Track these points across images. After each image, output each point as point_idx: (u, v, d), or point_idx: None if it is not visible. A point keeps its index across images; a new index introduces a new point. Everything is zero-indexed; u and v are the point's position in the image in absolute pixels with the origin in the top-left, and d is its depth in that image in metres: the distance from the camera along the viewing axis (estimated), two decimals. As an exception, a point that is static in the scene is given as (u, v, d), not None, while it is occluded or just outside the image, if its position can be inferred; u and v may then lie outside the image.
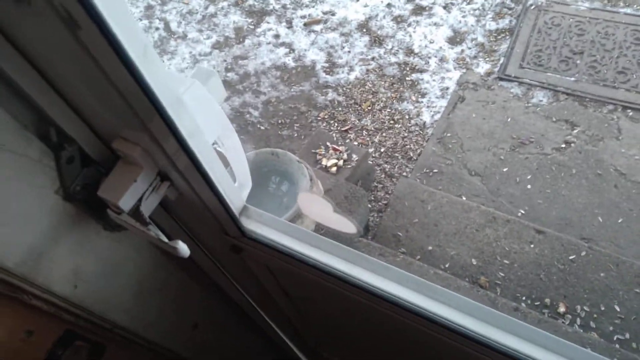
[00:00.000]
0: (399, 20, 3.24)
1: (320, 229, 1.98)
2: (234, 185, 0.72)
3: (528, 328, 0.65)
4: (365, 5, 3.32)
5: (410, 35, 3.14)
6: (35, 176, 0.57)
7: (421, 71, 3.00)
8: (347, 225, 1.09)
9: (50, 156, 0.57)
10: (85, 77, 0.48)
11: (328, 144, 2.56)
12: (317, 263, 0.74)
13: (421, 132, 2.77)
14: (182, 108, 0.52)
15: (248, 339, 1.45)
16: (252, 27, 3.37)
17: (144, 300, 0.87)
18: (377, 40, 3.16)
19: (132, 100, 0.48)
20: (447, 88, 2.88)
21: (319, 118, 2.90)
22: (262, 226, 0.77)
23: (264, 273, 0.94)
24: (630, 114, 2.56)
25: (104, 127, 0.58)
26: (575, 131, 2.52)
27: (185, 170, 0.60)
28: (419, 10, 3.26)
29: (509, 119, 2.63)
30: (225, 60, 3.23)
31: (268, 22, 3.36)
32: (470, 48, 3.02)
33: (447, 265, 2.02)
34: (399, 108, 2.87)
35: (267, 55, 3.20)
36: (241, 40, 3.31)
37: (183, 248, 0.65)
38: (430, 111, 2.83)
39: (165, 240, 0.64)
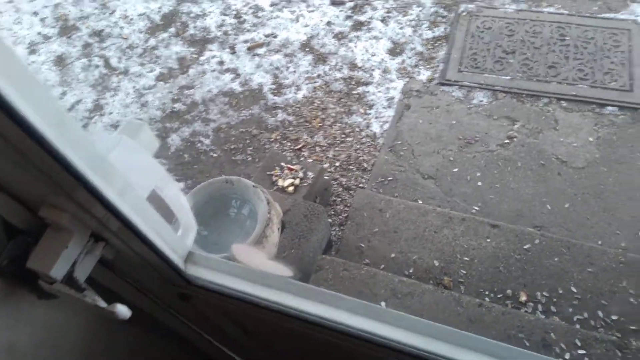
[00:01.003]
0: (339, 37, 3.32)
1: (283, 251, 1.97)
2: (175, 235, 0.71)
3: (470, 337, 0.68)
4: (306, 25, 3.39)
5: (352, 50, 3.23)
6: None
7: (366, 84, 3.07)
8: (282, 270, 1.13)
9: None
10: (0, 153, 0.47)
11: (282, 164, 2.57)
12: (266, 302, 0.73)
13: (373, 142, 2.83)
14: (109, 170, 0.52)
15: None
16: (195, 56, 3.36)
17: None
18: (320, 58, 3.23)
19: (52, 173, 0.48)
20: (393, 98, 2.97)
21: (271, 139, 2.91)
22: (209, 271, 0.76)
23: (219, 316, 0.93)
24: (564, 104, 2.71)
25: (27, 196, 0.57)
26: (516, 126, 2.65)
27: (119, 230, 0.59)
28: (358, 25, 3.36)
29: (453, 121, 2.73)
30: (170, 92, 3.21)
31: (211, 50, 3.37)
32: (410, 57, 3.13)
33: (411, 271, 2.06)
34: (349, 122, 2.93)
35: (213, 82, 3.20)
36: (185, 70, 3.30)
37: (122, 311, 0.63)
38: (379, 121, 2.90)
39: (103, 305, 0.62)
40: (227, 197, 1.94)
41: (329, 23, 3.38)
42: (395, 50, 3.19)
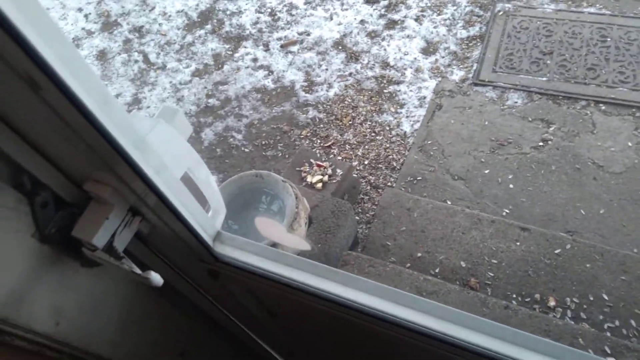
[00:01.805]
0: (372, 35, 3.32)
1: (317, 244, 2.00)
2: (206, 215, 0.75)
3: (495, 325, 0.68)
4: (339, 24, 3.41)
5: (385, 49, 3.22)
6: (11, 222, 0.60)
7: (398, 83, 3.06)
8: (301, 244, 1.16)
9: (25, 203, 0.60)
10: (52, 128, 0.52)
11: (312, 161, 2.60)
12: (289, 281, 0.76)
13: (402, 141, 2.82)
14: (147, 149, 0.56)
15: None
16: (230, 52, 3.43)
17: (128, 331, 0.89)
18: (353, 56, 3.24)
19: (97, 148, 0.52)
20: (425, 97, 2.95)
21: (301, 136, 2.94)
22: (235, 250, 0.79)
23: (244, 295, 0.96)
24: (603, 107, 2.63)
25: (74, 171, 0.62)
26: (551, 129, 2.59)
27: (155, 205, 0.63)
28: (391, 24, 3.35)
29: (486, 122, 2.69)
30: (205, 87, 3.28)
31: (245, 47, 3.43)
32: (443, 57, 3.11)
33: (437, 270, 2.05)
34: (379, 120, 2.93)
35: (247, 79, 3.26)
36: (220, 66, 3.37)
37: (155, 278, 0.68)
38: (410, 121, 2.89)
39: (138, 272, 0.67)
40: (257, 190, 1.98)
41: (362, 21, 3.39)
42: (429, 49, 3.16)
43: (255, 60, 3.35)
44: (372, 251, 2.16)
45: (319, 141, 2.91)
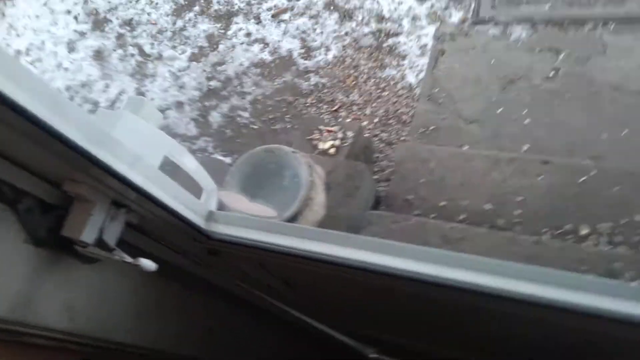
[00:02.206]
0: (363, -11, 3.21)
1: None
2: (192, 197, 0.76)
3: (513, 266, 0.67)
4: (328, -17, 3.30)
5: (378, 2, 3.12)
6: (1, 232, 0.62)
7: (396, 34, 2.98)
8: (266, 211, 1.21)
9: (9, 211, 0.62)
10: (14, 140, 0.52)
11: (321, 127, 2.57)
12: (287, 249, 0.76)
13: (410, 94, 2.77)
14: (113, 143, 0.56)
15: (277, 333, 1.48)
16: (222, 31, 3.37)
17: (146, 317, 0.92)
18: (346, 15, 3.15)
19: (60, 152, 0.52)
20: (425, 45, 2.87)
21: (307, 104, 2.91)
22: (227, 226, 0.81)
23: (255, 269, 0.97)
24: (612, 27, 2.52)
25: (51, 174, 0.64)
26: (560, 57, 2.50)
27: (136, 197, 0.64)
28: (381, -25, 3.23)
29: (492, 61, 2.61)
30: (204, 70, 3.25)
31: (237, 23, 3.36)
32: (439, 0, 3.00)
33: (463, 217, 2.03)
34: (383, 76, 2.87)
35: (243, 55, 3.21)
36: (215, 46, 3.32)
37: (146, 264, 0.70)
38: (414, 71, 2.82)
39: (130, 260, 0.68)
40: (270, 166, 1.97)
41: (351, -23, 3.27)
42: (424, -6, 3.05)
43: (248, 35, 3.29)
44: (395, 207, 2.15)
45: (325, 107, 2.87)
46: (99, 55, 3.58)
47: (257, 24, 3.32)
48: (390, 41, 2.97)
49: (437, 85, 2.66)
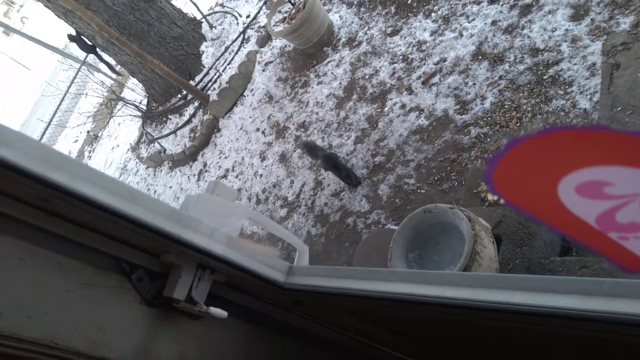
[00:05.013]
0: (510, 30, 3.10)
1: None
2: (272, 256, 0.85)
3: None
4: (471, 36, 3.29)
5: (529, 36, 2.96)
6: (121, 296, 0.81)
7: (556, 63, 2.74)
8: (271, 251, 1.24)
9: (127, 280, 0.82)
10: (118, 227, 0.70)
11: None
12: (369, 293, 0.76)
13: (586, 120, 2.45)
14: (189, 220, 0.70)
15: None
16: (379, 110, 3.60)
17: None
18: (497, 60, 3.05)
19: (144, 233, 0.69)
20: (594, 64, 2.56)
21: (471, 158, 2.82)
22: (304, 277, 0.86)
23: (343, 315, 0.98)
24: None
25: (153, 248, 0.82)
26: None
27: (216, 262, 0.76)
28: (525, 9, 3.09)
29: (685, 57, 2.17)
30: (369, 149, 3.47)
31: (391, 99, 3.56)
32: (599, 12, 2.69)
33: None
34: (550, 109, 2.63)
35: (401, 126, 3.34)
36: (375, 125, 3.55)
37: (216, 312, 0.82)
38: (586, 95, 2.52)
39: (205, 308, 0.81)
40: (431, 225, 1.95)
41: (494, 22, 3.21)
42: (579, 13, 2.79)
43: (403, 106, 3.43)
44: (587, 251, 1.86)
45: (491, 156, 2.73)
46: (283, 159, 4.17)
47: (410, 94, 3.45)
48: (551, 71, 2.75)
49: (618, 103, 2.31)
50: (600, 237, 0.46)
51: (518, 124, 2.73)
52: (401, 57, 3.70)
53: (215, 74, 5.31)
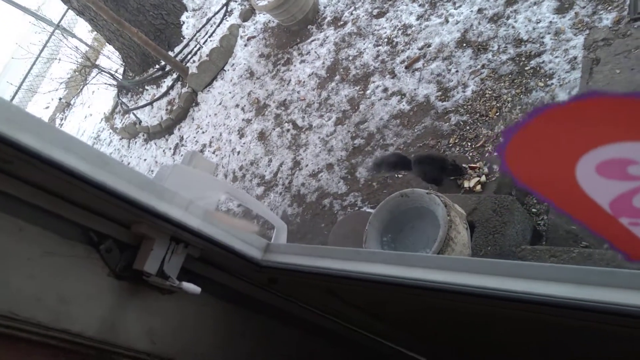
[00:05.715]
0: (495, 19, 3.10)
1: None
2: (248, 232, 0.83)
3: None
4: (457, 22, 3.28)
5: (513, 27, 2.97)
6: (88, 267, 0.78)
7: (539, 54, 2.76)
8: (250, 227, 1.23)
9: (94, 251, 0.79)
10: (89, 196, 0.67)
11: (464, 165, 2.47)
12: (349, 273, 0.75)
13: (563, 113, 2.49)
14: (166, 193, 0.67)
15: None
16: (361, 92, 3.58)
17: (223, 344, 1.01)
18: (480, 48, 3.06)
19: (115, 202, 0.66)
20: (575, 58, 2.59)
21: (450, 145, 2.84)
22: (280, 255, 0.85)
23: (319, 295, 0.98)
24: None
25: (123, 219, 0.79)
26: None
27: (191, 235, 0.74)
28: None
29: (662, 56, 2.21)
30: (349, 131, 3.46)
31: (374, 82, 3.54)
32: (584, 6, 2.71)
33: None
34: (529, 101, 2.65)
35: (383, 109, 3.33)
36: (356, 107, 3.53)
37: (189, 287, 0.80)
38: (566, 89, 2.55)
39: (176, 283, 0.79)
40: (406, 209, 1.96)
41: (480, 10, 3.20)
42: (563, 6, 2.80)
43: (385, 90, 3.42)
44: (557, 240, 1.91)
45: (469, 144, 2.76)
46: (262, 136, 4.12)
47: (393, 78, 3.44)
48: (533, 63, 2.76)
49: (595, 97, 2.34)
50: (610, 222, 0.44)
51: (497, 114, 2.76)
52: (386, 40, 3.67)
53: (195, 46, 5.17)
